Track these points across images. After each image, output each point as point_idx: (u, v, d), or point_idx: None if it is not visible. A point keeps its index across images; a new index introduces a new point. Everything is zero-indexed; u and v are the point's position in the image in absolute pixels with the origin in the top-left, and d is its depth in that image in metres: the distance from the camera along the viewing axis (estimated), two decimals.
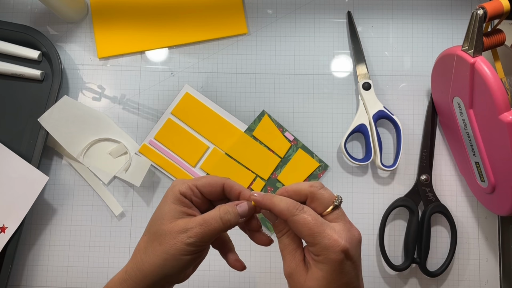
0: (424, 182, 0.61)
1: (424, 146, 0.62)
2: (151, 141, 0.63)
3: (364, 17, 0.65)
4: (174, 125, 0.63)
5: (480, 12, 0.44)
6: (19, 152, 0.60)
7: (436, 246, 0.61)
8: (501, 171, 0.50)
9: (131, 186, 0.62)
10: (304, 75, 0.64)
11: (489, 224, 0.61)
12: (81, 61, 0.65)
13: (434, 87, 0.61)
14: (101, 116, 0.62)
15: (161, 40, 0.65)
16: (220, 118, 0.63)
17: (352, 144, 0.63)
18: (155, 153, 0.62)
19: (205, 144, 0.63)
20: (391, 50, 0.64)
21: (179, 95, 0.63)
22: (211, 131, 0.63)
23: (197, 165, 0.62)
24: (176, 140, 0.63)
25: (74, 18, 0.64)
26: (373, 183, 0.62)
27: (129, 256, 0.61)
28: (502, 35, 0.48)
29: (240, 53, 0.65)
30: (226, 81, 0.64)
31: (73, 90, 0.64)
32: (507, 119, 0.45)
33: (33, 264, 0.61)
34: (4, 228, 0.58)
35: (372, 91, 0.61)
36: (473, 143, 0.54)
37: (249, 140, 0.62)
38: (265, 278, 0.61)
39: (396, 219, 0.62)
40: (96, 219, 0.62)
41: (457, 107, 0.54)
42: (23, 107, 0.63)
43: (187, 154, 0.62)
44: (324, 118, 0.63)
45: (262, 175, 0.61)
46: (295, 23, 0.65)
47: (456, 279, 0.60)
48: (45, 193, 0.62)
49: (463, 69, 0.49)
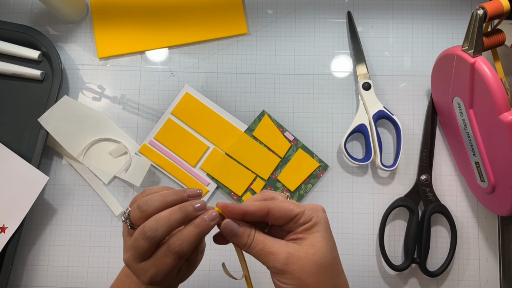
0: (424, 182, 0.61)
1: (424, 146, 0.62)
2: (151, 141, 0.63)
3: (364, 17, 0.65)
4: (174, 125, 0.63)
5: (480, 12, 0.44)
6: (19, 152, 0.60)
7: (436, 246, 0.61)
8: (501, 171, 0.50)
9: (131, 186, 0.62)
10: (304, 75, 0.64)
11: (489, 224, 0.61)
12: (81, 61, 0.65)
13: (434, 87, 0.61)
14: (101, 116, 0.62)
15: (161, 40, 0.65)
16: (220, 118, 0.63)
17: (352, 144, 0.63)
18: (155, 153, 0.62)
19: (205, 144, 0.63)
20: (391, 50, 0.64)
21: (179, 95, 0.63)
22: (211, 131, 0.63)
23: (197, 165, 0.62)
24: (176, 140, 0.63)
25: (74, 18, 0.65)
26: (373, 183, 0.62)
27: None
28: (502, 35, 0.48)
29: (240, 53, 0.65)
30: (226, 81, 0.64)
31: (73, 90, 0.64)
32: (507, 119, 0.45)
33: (33, 264, 0.61)
34: (4, 228, 0.58)
35: (372, 91, 0.61)
36: (473, 143, 0.54)
37: (249, 140, 0.62)
38: (265, 278, 0.61)
39: (396, 219, 0.62)
40: (96, 219, 0.62)
41: (457, 107, 0.54)
42: (23, 107, 0.63)
43: (187, 154, 0.62)
44: (324, 118, 0.63)
45: (262, 175, 0.61)
46: (295, 23, 0.65)
47: (456, 279, 0.60)
48: (45, 193, 0.62)
49: (463, 69, 0.49)
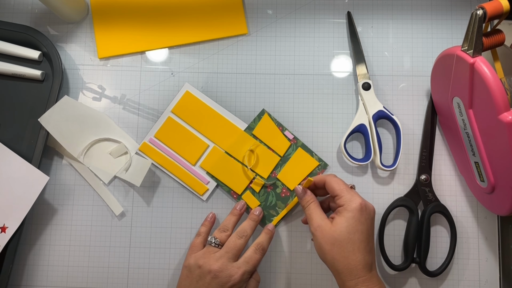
0: (424, 182, 0.61)
1: (424, 146, 0.62)
2: (151, 139, 0.63)
3: (364, 17, 0.65)
4: (174, 124, 0.63)
5: (479, 12, 0.44)
6: (19, 152, 0.60)
7: (435, 246, 0.61)
8: (500, 171, 0.50)
9: (131, 186, 0.62)
10: (304, 75, 0.64)
11: (488, 224, 0.61)
12: (82, 61, 0.65)
13: (434, 87, 0.61)
14: (102, 116, 0.63)
15: (161, 40, 0.65)
16: (220, 117, 0.63)
17: (352, 144, 0.63)
18: (155, 151, 0.63)
19: (205, 143, 0.63)
20: (391, 50, 0.64)
21: (179, 94, 0.64)
22: (211, 129, 0.63)
23: (197, 164, 0.63)
24: (176, 138, 0.63)
25: (74, 18, 0.65)
26: (373, 183, 0.62)
27: (129, 256, 0.61)
28: (502, 35, 0.48)
29: (240, 53, 0.65)
30: (226, 81, 0.64)
31: (74, 90, 0.64)
32: (507, 119, 0.45)
33: (34, 264, 0.61)
34: (4, 228, 0.58)
35: (372, 91, 0.61)
36: (473, 143, 0.54)
37: (249, 138, 0.62)
38: (265, 279, 0.61)
39: (396, 219, 0.62)
40: (97, 219, 0.62)
41: (456, 107, 0.54)
42: (23, 107, 0.63)
43: (187, 152, 0.62)
44: (324, 118, 0.63)
45: (262, 173, 0.62)
46: (295, 23, 0.65)
47: (456, 279, 0.60)
48: (46, 193, 0.62)
49: (462, 69, 0.49)
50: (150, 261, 0.61)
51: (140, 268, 0.61)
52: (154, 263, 0.61)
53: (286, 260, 0.61)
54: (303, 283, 0.60)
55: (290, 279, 0.61)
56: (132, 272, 0.61)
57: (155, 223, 0.62)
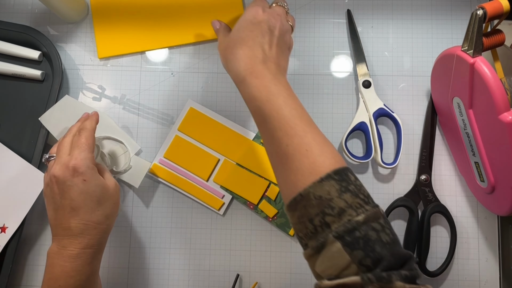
0: (424, 182, 0.61)
1: (424, 146, 0.62)
2: (161, 160, 0.62)
3: (364, 17, 0.65)
4: (182, 142, 0.62)
5: (479, 13, 0.44)
6: (19, 152, 0.60)
7: (436, 246, 0.61)
8: (500, 171, 0.50)
9: (130, 187, 0.62)
10: (304, 75, 0.64)
11: (488, 224, 0.61)
12: (82, 61, 0.65)
13: (434, 87, 0.61)
14: (102, 116, 0.62)
15: (161, 40, 0.65)
16: (227, 129, 0.62)
17: (353, 142, 0.63)
18: (166, 171, 0.62)
19: (215, 157, 0.62)
20: (391, 50, 0.64)
21: (183, 111, 0.63)
22: (219, 143, 0.62)
23: (210, 179, 0.62)
24: (186, 156, 0.62)
25: (74, 18, 0.65)
26: (373, 183, 0.62)
27: (129, 255, 0.61)
28: (502, 36, 0.48)
29: None
30: (226, 81, 0.64)
31: (74, 90, 0.64)
32: (507, 119, 0.45)
33: (33, 264, 0.61)
34: (4, 228, 0.58)
35: (372, 89, 0.61)
36: (473, 143, 0.54)
37: (258, 147, 0.62)
38: (265, 278, 0.61)
39: (396, 219, 0.62)
40: None
41: (456, 107, 0.54)
42: (23, 107, 0.63)
43: (198, 168, 0.62)
44: (324, 118, 0.63)
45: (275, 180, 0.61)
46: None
47: (456, 279, 0.60)
48: None
49: (462, 69, 0.49)
50: (150, 261, 0.61)
51: (140, 268, 0.61)
52: (154, 263, 0.61)
53: (286, 260, 0.61)
54: (303, 283, 0.60)
55: (290, 279, 0.61)
56: (132, 272, 0.61)
57: (155, 223, 0.62)
